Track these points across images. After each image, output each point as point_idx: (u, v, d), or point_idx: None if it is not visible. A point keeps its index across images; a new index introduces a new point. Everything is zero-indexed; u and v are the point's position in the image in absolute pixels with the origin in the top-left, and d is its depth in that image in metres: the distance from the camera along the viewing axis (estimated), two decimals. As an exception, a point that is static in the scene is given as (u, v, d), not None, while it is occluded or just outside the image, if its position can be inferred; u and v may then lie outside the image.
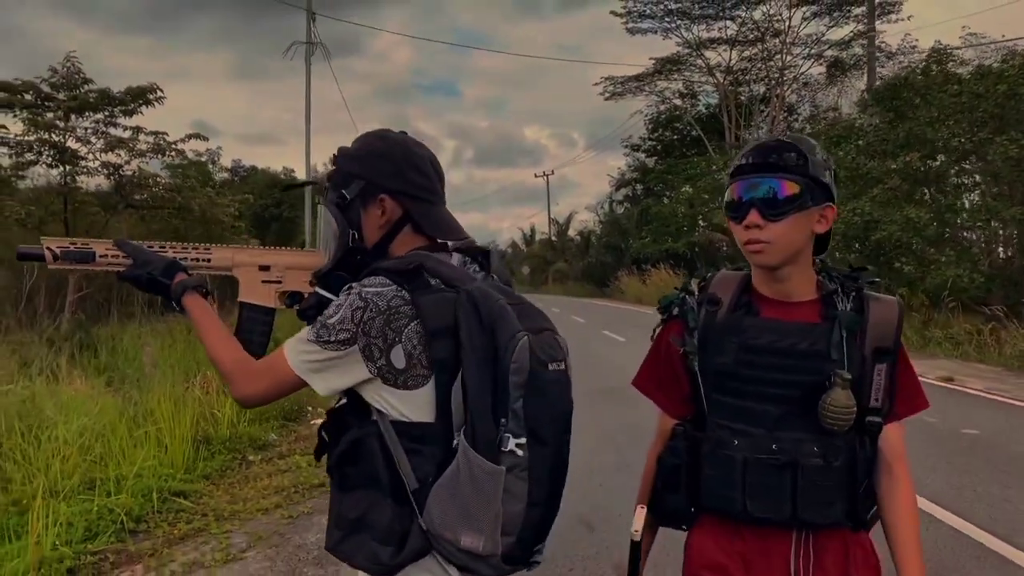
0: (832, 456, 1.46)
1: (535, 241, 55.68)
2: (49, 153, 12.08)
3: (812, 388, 1.45)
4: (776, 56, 36.57)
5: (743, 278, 1.59)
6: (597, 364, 11.62)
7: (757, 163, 1.49)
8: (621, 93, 40.22)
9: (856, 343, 1.48)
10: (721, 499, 1.51)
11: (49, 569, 3.81)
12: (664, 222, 34.25)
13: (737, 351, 1.50)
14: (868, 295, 1.53)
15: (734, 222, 1.51)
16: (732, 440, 1.50)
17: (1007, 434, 6.57)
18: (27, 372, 7.40)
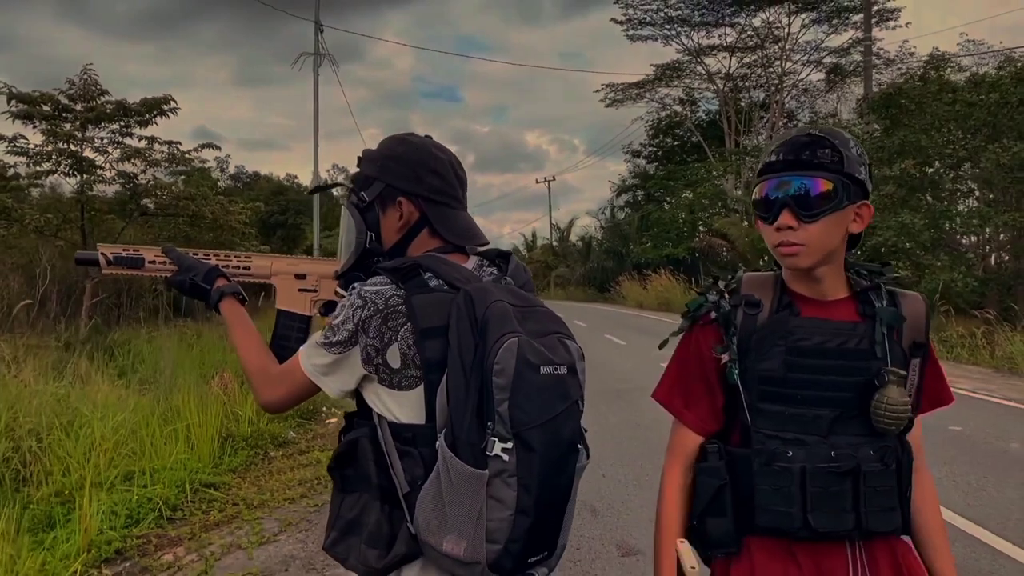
0: (888, 459, 1.41)
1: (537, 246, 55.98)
2: (67, 163, 12.44)
3: (863, 388, 1.40)
4: (775, 63, 36.92)
5: (775, 278, 1.51)
6: (599, 367, 11.99)
7: (788, 160, 1.39)
8: (622, 100, 40.55)
9: (896, 339, 1.44)
10: (779, 516, 1.39)
11: (98, 550, 4.15)
12: (665, 228, 34.61)
13: (785, 354, 1.41)
14: (896, 291, 1.48)
15: (763, 223, 1.43)
16: (786, 451, 1.40)
17: (988, 430, 6.91)
18: (56, 374, 7.74)
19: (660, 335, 1.62)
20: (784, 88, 37.25)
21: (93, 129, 12.76)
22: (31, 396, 6.22)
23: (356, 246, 1.55)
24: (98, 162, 12.72)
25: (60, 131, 12.11)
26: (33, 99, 12.42)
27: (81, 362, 8.81)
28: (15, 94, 12.23)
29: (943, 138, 16.04)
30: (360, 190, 1.56)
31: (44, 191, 13.56)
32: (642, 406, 8.03)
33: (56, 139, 12.18)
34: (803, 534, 1.38)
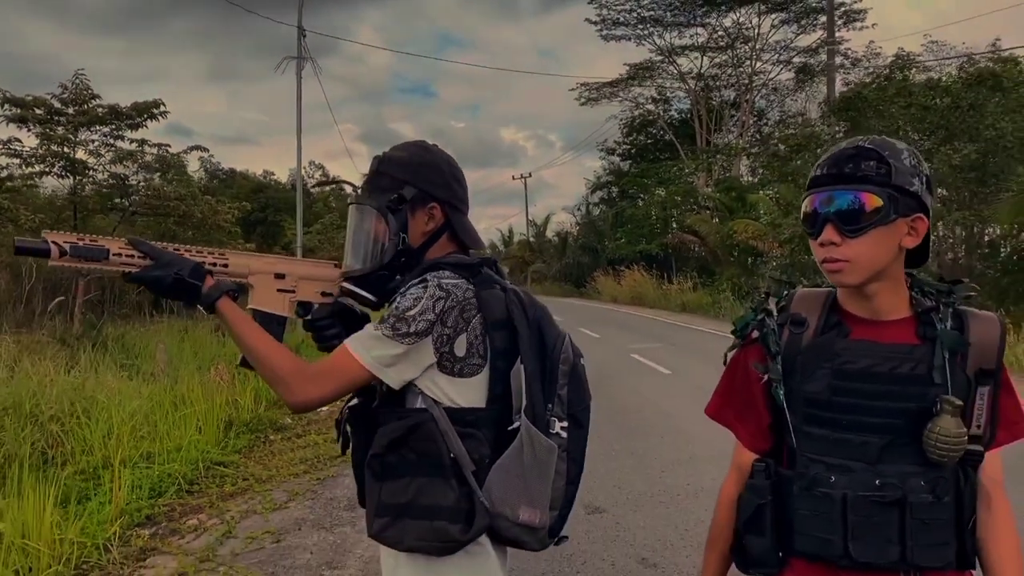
0: (941, 491, 1.33)
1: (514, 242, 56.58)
2: (60, 164, 12.88)
3: (917, 416, 1.33)
4: (746, 62, 37.73)
5: (828, 295, 1.46)
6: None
7: (832, 174, 1.35)
8: (596, 99, 41.19)
9: (958, 365, 1.35)
10: (819, 543, 1.36)
11: (130, 517, 4.72)
12: (638, 224, 35.33)
13: (831, 377, 1.37)
14: (966, 311, 1.39)
15: (811, 238, 1.39)
16: (828, 476, 1.36)
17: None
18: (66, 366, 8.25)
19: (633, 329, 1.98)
20: (754, 87, 38.07)
21: (85, 132, 13.19)
22: (50, 385, 6.76)
23: (392, 246, 1.59)
24: (91, 164, 13.15)
25: (54, 135, 12.54)
26: (26, 103, 12.82)
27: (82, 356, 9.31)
28: (9, 98, 12.63)
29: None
30: (390, 192, 1.60)
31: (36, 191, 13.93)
32: (612, 393, 8.70)
33: (50, 142, 12.61)
34: (844, 563, 1.35)
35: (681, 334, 16.64)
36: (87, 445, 5.88)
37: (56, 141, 12.61)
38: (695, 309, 23.21)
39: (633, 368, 11.21)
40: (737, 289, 21.87)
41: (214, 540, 4.41)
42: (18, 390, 6.49)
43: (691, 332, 16.97)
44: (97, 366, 8.35)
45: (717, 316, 20.48)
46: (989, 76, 16.65)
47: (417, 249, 1.61)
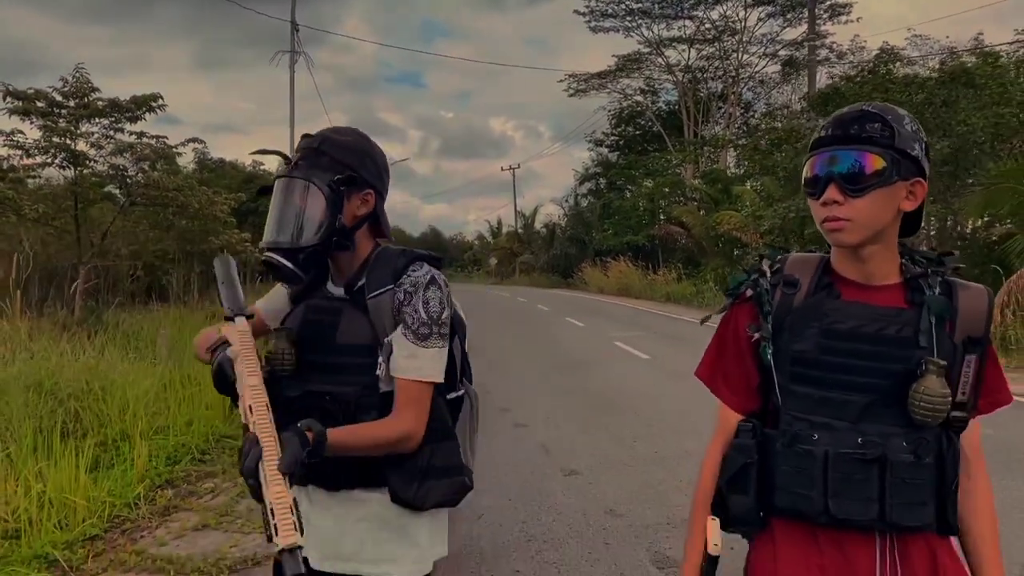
0: (923, 452, 1.35)
1: (502, 233, 56.98)
2: (62, 156, 13.27)
3: (902, 377, 1.34)
4: (732, 55, 38.22)
5: (820, 259, 1.48)
6: (559, 344, 13.29)
7: (836, 135, 1.37)
8: (585, 90, 41.59)
9: (946, 331, 1.37)
10: (799, 499, 1.38)
11: (151, 480, 5.21)
12: (625, 215, 35.80)
13: (819, 336, 1.39)
14: (955, 282, 1.41)
15: (812, 199, 1.39)
16: (811, 434, 1.37)
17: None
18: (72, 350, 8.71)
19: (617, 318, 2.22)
20: (741, 79, 38.57)
21: (86, 125, 13.57)
22: (68, 365, 7.23)
23: (327, 226, 1.61)
24: (91, 155, 13.54)
25: (56, 127, 12.93)
26: (28, 96, 13.18)
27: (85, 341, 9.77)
28: (11, 91, 13.00)
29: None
30: (333, 173, 1.62)
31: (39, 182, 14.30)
32: (592, 376, 9.27)
33: (53, 134, 13.00)
34: (823, 519, 1.36)
35: (664, 323, 17.19)
36: (105, 419, 6.36)
37: (58, 133, 12.99)
38: (679, 299, 23.78)
39: (615, 354, 11.74)
40: (720, 280, 22.43)
41: (230, 499, 4.91)
42: (37, 369, 6.97)
43: (674, 321, 17.53)
44: (103, 350, 8.81)
45: (700, 306, 21.06)
46: (962, 73, 17.21)
47: (348, 230, 1.66)
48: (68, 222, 14.08)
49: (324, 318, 1.66)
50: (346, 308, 1.65)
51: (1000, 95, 16.02)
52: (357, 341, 1.62)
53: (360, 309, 1.63)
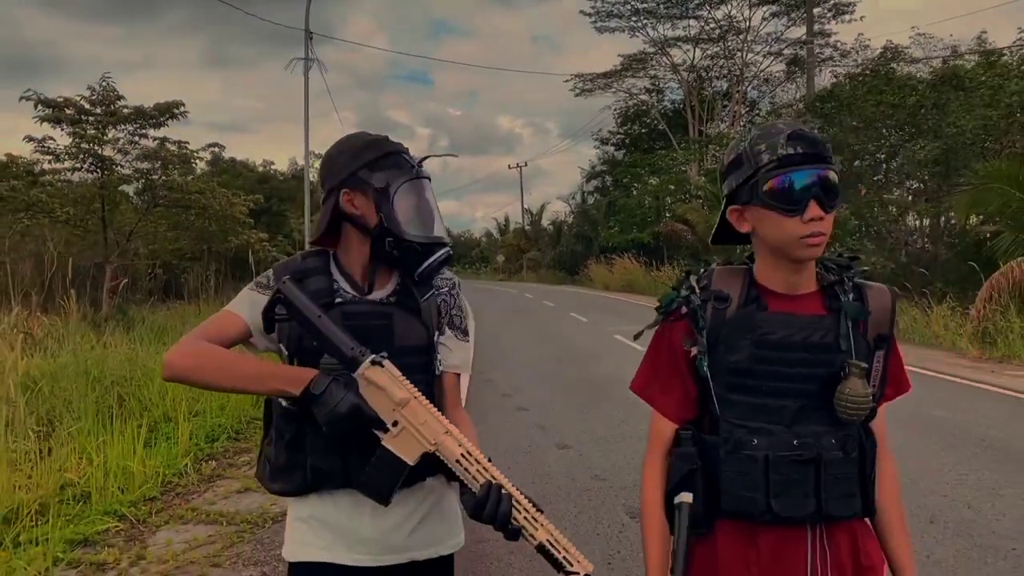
0: (850, 447, 1.46)
1: (509, 231, 57.58)
2: (90, 161, 14.03)
3: (827, 380, 1.44)
4: (737, 54, 38.61)
5: (746, 272, 1.55)
6: (562, 338, 14.01)
7: (808, 153, 1.42)
8: (591, 90, 42.04)
9: (860, 332, 1.48)
10: (744, 501, 1.46)
11: (195, 454, 5.91)
12: (631, 213, 36.30)
13: (752, 348, 1.47)
14: (863, 284, 1.52)
15: (785, 214, 1.42)
16: (751, 439, 1.46)
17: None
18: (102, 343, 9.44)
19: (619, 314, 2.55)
20: (746, 78, 38.97)
21: (112, 131, 14.33)
22: (110, 356, 7.95)
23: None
24: (118, 160, 14.31)
25: (85, 134, 13.69)
26: (58, 104, 13.95)
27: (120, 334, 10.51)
28: (42, 100, 13.77)
29: (868, 136, 18.02)
30: None
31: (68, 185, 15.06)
32: (590, 366, 9.98)
33: (82, 140, 13.76)
34: (766, 518, 1.45)
35: (664, 318, 17.79)
36: (148, 403, 7.07)
37: (87, 140, 13.75)
38: (682, 295, 24.29)
39: (613, 347, 12.40)
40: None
41: (265, 470, 5.61)
42: (83, 360, 7.69)
43: (673, 316, 18.11)
44: (141, 342, 9.53)
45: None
46: (952, 76, 17.78)
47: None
48: (96, 223, 14.83)
49: (373, 322, 1.64)
50: (395, 312, 1.67)
51: (991, 97, 16.55)
52: (415, 343, 1.66)
53: (410, 311, 1.68)
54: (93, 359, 7.71)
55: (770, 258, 1.50)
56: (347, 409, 1.45)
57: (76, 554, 4.01)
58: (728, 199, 1.53)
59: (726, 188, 1.52)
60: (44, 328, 10.08)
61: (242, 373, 1.56)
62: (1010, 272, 12.02)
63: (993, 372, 9.53)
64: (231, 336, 1.64)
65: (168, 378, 1.57)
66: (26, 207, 13.72)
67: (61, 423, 5.90)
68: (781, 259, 1.48)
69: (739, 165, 1.48)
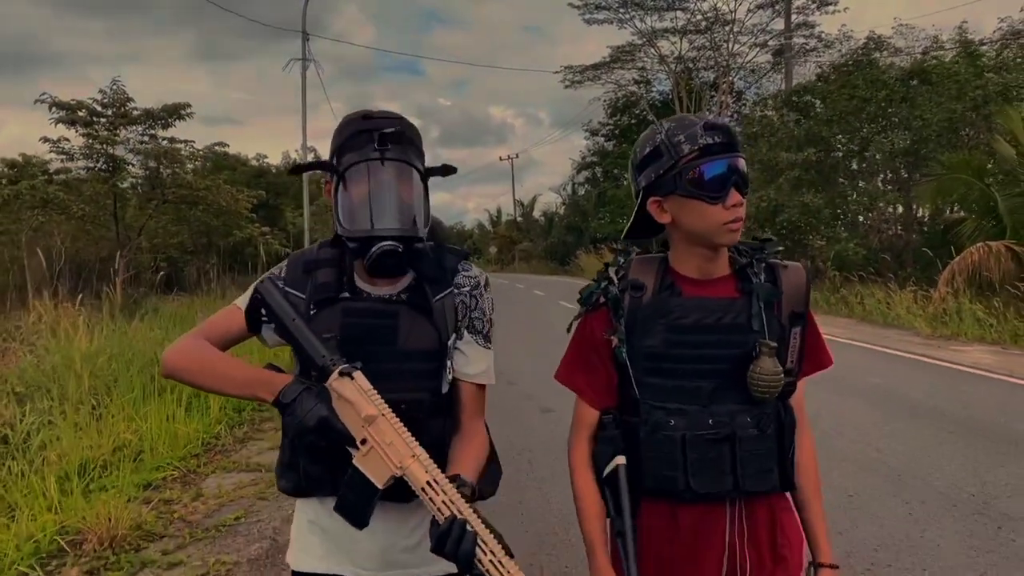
0: (764, 424, 1.51)
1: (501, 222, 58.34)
2: (103, 160, 14.85)
3: (740, 360, 1.49)
4: (724, 45, 39.30)
5: (660, 260, 1.60)
6: (551, 324, 15.01)
7: (726, 142, 1.47)
8: (580, 82, 42.68)
9: (774, 312, 1.53)
10: (664, 480, 1.51)
11: (225, 423, 6.78)
12: (620, 204, 37.14)
13: (666, 332, 1.51)
14: (776, 264, 1.57)
15: (709, 202, 1.47)
16: (668, 420, 1.50)
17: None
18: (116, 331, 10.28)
19: None
20: (732, 69, 39.67)
21: (123, 132, 15.15)
22: (138, 340, 8.82)
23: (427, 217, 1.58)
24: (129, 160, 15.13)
25: (98, 135, 14.50)
26: (71, 106, 14.75)
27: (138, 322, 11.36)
28: (56, 102, 14.56)
29: (841, 129, 18.91)
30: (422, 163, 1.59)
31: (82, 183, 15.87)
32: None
33: (95, 141, 14.58)
34: (687, 496, 1.51)
35: (648, 304, 18.68)
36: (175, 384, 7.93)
37: (100, 140, 14.56)
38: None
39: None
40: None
41: (289, 433, 6.52)
42: (115, 343, 8.55)
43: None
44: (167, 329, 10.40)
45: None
46: (920, 71, 18.68)
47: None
48: (107, 219, 15.65)
49: (376, 321, 1.56)
50: (403, 311, 1.56)
51: (958, 91, 17.41)
52: (423, 346, 1.56)
53: (420, 311, 1.57)
54: (122, 343, 8.57)
55: (685, 246, 1.55)
56: (314, 423, 1.38)
57: (145, 494, 4.88)
58: (646, 191, 1.55)
59: (643, 180, 1.55)
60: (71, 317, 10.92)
61: (225, 376, 1.53)
62: (969, 257, 12.95)
63: (939, 348, 10.48)
64: (233, 333, 1.61)
65: (165, 376, 1.59)
66: (42, 204, 14.54)
67: (111, 396, 6.76)
68: (697, 246, 1.54)
69: (658, 156, 1.51)
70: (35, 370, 7.44)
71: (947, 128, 17.37)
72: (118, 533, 4.01)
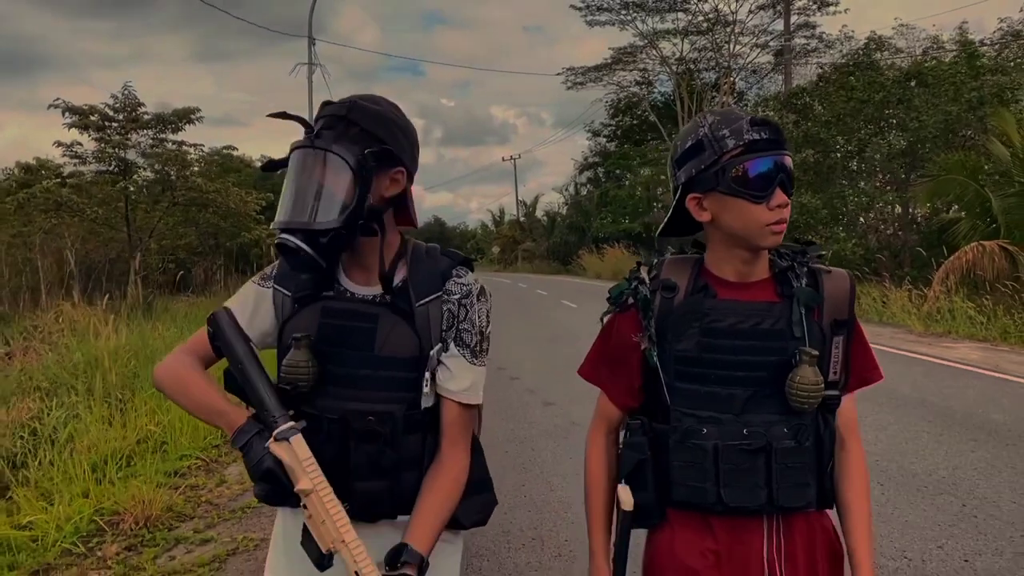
0: (803, 436, 1.43)
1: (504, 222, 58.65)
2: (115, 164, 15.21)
3: (778, 368, 1.41)
4: (725, 46, 39.54)
5: (695, 261, 1.53)
6: (554, 322, 15.34)
7: (773, 139, 1.39)
8: (582, 83, 42.97)
9: (815, 318, 1.45)
10: (694, 491, 1.44)
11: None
12: (621, 204, 37.44)
13: (699, 336, 1.44)
14: (819, 269, 1.49)
15: (752, 201, 1.38)
16: (700, 428, 1.43)
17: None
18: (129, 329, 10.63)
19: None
20: (733, 70, 39.93)
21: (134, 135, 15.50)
22: (157, 338, 9.16)
23: (354, 207, 1.39)
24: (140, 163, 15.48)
25: (111, 140, 14.86)
26: (84, 111, 15.11)
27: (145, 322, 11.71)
28: (69, 107, 14.92)
29: (839, 131, 19.19)
30: (364, 145, 1.41)
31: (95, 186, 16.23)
32: (576, 343, 11.19)
33: (107, 145, 14.94)
34: (718, 508, 1.43)
35: (649, 303, 19.04)
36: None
37: (112, 144, 14.92)
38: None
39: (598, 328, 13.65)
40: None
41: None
42: (133, 342, 8.89)
43: (658, 301, 19.37)
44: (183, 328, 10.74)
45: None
46: (916, 74, 18.96)
47: (377, 213, 1.46)
48: (119, 221, 16.02)
49: (353, 323, 1.47)
50: (383, 313, 1.46)
51: (955, 92, 17.68)
52: (401, 353, 1.45)
53: (402, 316, 1.46)
54: (141, 341, 8.91)
55: (724, 247, 1.48)
56: (260, 474, 1.35)
57: (172, 480, 5.21)
58: (685, 187, 1.47)
59: (683, 175, 1.46)
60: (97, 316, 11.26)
61: (195, 401, 1.48)
62: (963, 256, 13.23)
63: (929, 344, 10.78)
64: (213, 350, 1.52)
65: (156, 388, 1.54)
66: (56, 207, 14.90)
67: (132, 391, 7.09)
68: (737, 247, 1.46)
69: (700, 150, 1.43)
70: (58, 366, 7.77)
71: (943, 130, 17.64)
72: (152, 514, 4.33)
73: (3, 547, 3.93)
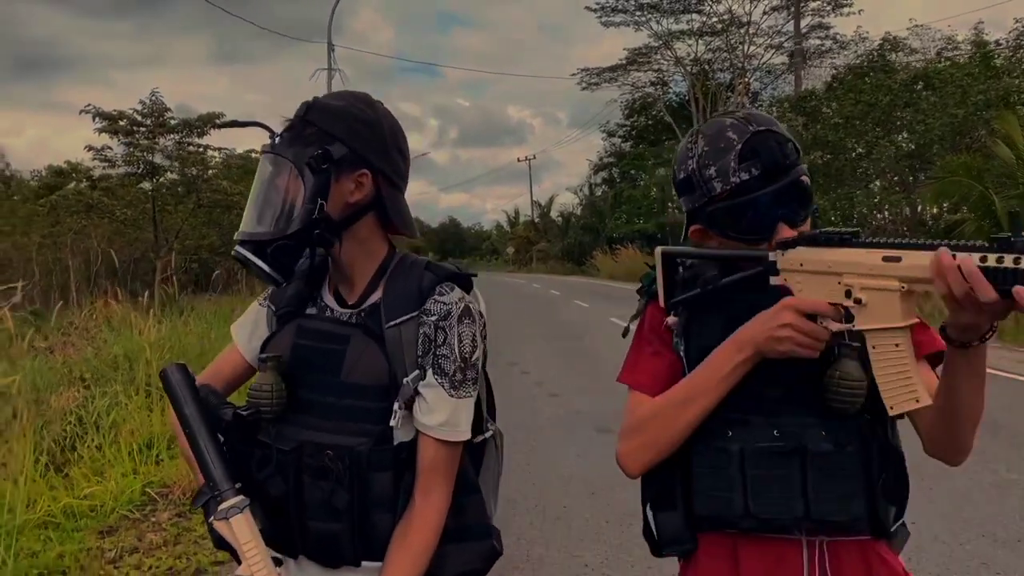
0: (843, 440, 1.23)
1: (519, 222, 59.12)
2: (143, 167, 15.84)
3: (815, 362, 1.22)
4: (740, 47, 39.75)
5: None
6: (565, 321, 15.87)
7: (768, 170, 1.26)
8: (597, 84, 43.30)
9: None
10: (718, 502, 1.26)
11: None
12: (636, 204, 37.79)
13: (724, 327, 1.28)
14: None
15: (753, 244, 1.31)
16: (725, 430, 1.27)
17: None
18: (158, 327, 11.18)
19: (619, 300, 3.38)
20: (748, 71, 40.13)
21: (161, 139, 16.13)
22: (186, 335, 9.72)
23: (302, 214, 1.27)
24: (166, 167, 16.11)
25: (139, 144, 15.49)
26: (113, 117, 15.74)
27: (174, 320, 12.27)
28: (99, 113, 15.55)
29: (847, 133, 19.53)
30: (316, 146, 1.28)
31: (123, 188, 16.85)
32: (585, 341, 11.83)
33: (136, 149, 15.56)
34: (746, 524, 1.25)
35: (660, 302, 19.51)
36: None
37: (140, 148, 15.55)
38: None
39: (608, 327, 14.04)
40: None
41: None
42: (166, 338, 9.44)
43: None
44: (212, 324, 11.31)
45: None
46: (922, 77, 19.27)
47: (337, 222, 1.30)
48: (146, 222, 16.65)
49: (324, 345, 1.33)
50: (355, 335, 1.32)
51: (962, 96, 17.97)
52: (369, 381, 1.30)
53: (373, 338, 1.31)
54: (173, 338, 9.46)
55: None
56: (215, 538, 1.27)
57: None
58: (688, 217, 1.39)
59: (684, 204, 1.38)
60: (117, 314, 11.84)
61: (184, 450, 1.36)
62: (965, 256, 13.54)
63: (927, 342, 11.17)
64: (239, 375, 1.47)
65: None
66: (87, 208, 15.53)
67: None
68: None
69: (690, 189, 1.33)
70: (97, 359, 8.33)
71: (950, 132, 17.95)
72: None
73: (68, 514, 4.45)
